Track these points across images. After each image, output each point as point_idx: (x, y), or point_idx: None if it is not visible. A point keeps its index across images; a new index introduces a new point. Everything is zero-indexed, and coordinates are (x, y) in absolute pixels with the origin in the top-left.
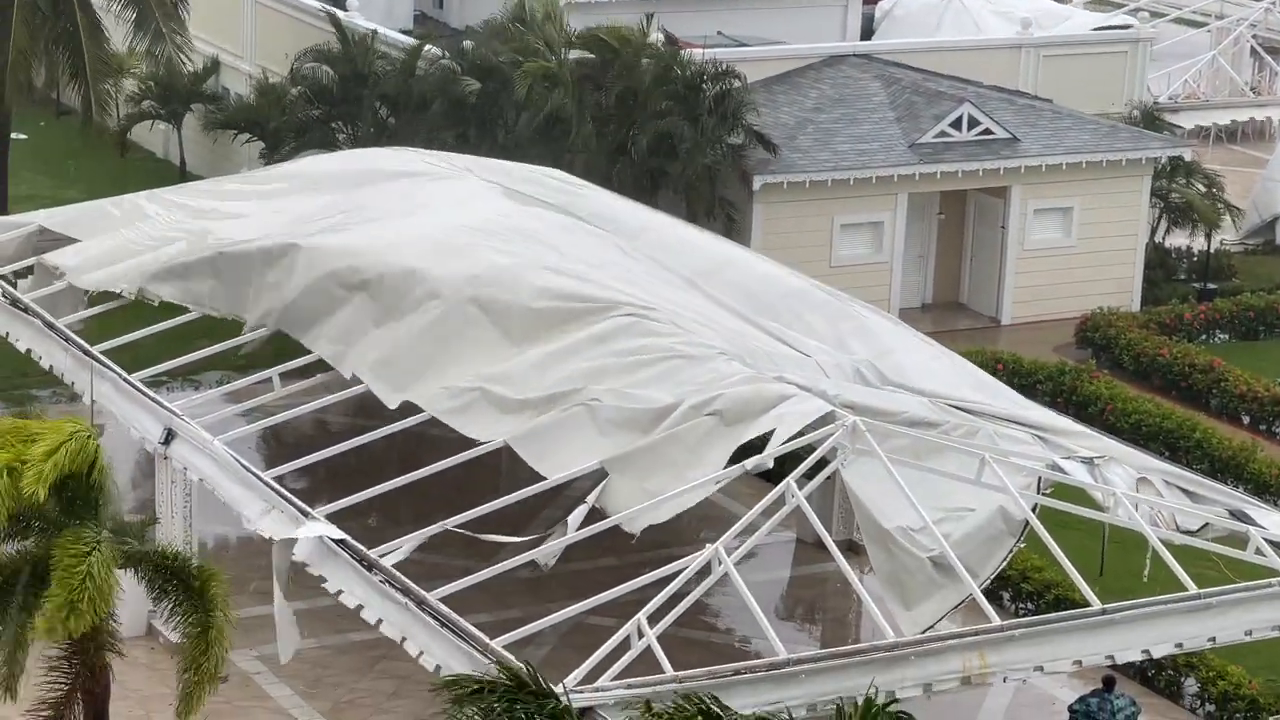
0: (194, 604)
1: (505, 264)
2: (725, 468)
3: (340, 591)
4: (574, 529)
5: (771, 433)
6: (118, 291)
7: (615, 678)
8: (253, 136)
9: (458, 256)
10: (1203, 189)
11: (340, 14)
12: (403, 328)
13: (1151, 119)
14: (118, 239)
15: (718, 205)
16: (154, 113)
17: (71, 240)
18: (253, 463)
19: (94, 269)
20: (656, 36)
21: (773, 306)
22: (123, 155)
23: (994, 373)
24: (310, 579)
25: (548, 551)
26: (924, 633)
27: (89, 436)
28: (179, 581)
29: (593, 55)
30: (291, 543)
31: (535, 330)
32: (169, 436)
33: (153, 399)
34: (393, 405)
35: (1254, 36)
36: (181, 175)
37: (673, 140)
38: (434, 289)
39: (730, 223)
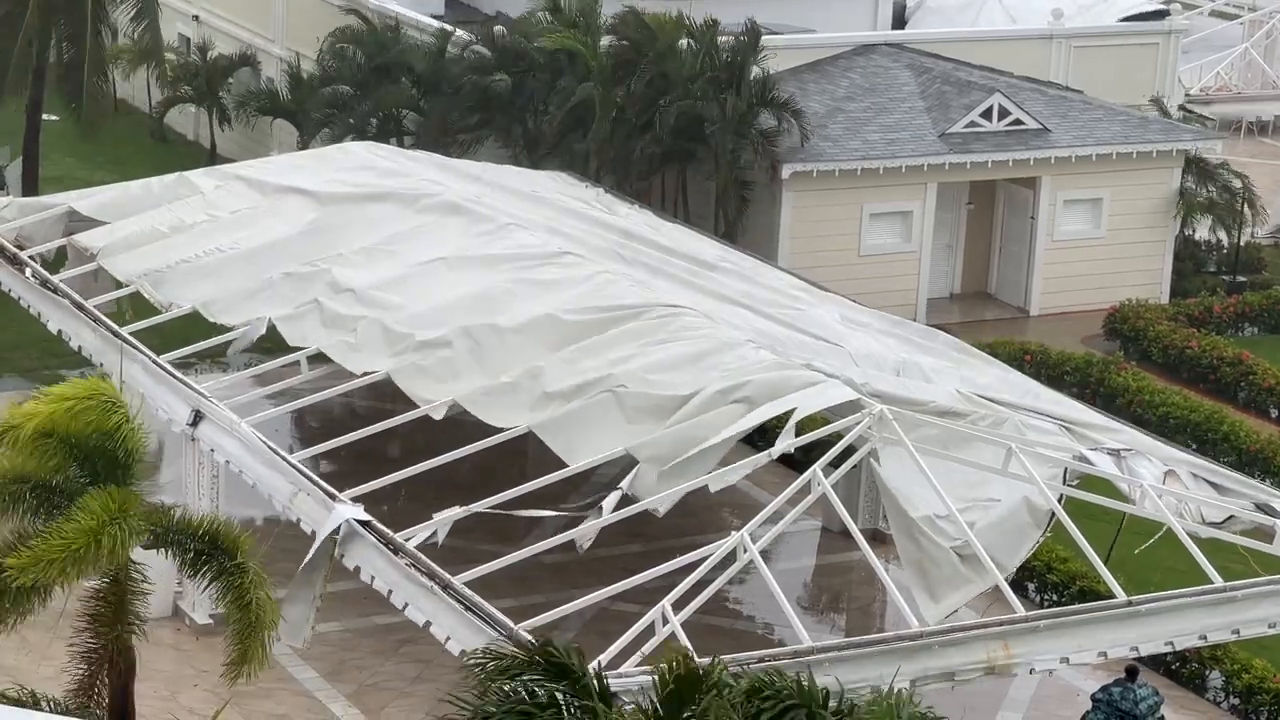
0: (232, 570)
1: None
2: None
3: (369, 576)
4: (609, 513)
5: (793, 413)
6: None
7: (639, 663)
8: (284, 120)
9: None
10: (1234, 184)
11: None
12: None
13: (1186, 112)
14: (147, 222)
15: (742, 191)
16: (187, 96)
17: (102, 223)
18: (280, 445)
19: (124, 251)
20: (695, 19)
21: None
22: (161, 140)
23: (1021, 364)
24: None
25: (585, 531)
26: (947, 621)
27: (112, 404)
28: (215, 550)
29: (627, 42)
30: (331, 536)
31: (567, 339)
32: (197, 418)
33: (181, 380)
34: (438, 415)
35: None
36: (211, 159)
37: (701, 122)
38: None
39: (743, 205)
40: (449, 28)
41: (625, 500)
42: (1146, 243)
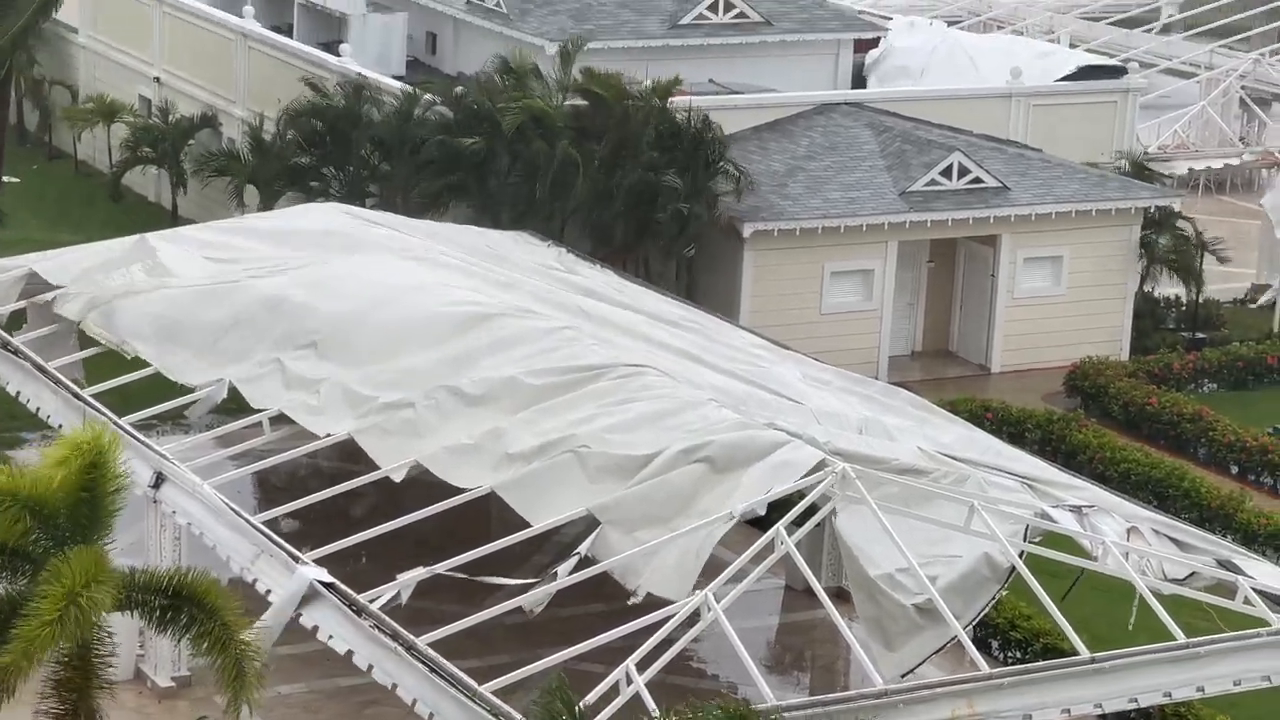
0: (204, 617)
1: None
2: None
3: (330, 636)
4: (564, 578)
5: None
6: (107, 344)
7: None
8: (244, 182)
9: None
10: (1190, 237)
11: (333, 59)
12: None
13: (1141, 168)
14: (108, 284)
15: (703, 250)
16: (147, 158)
17: (62, 285)
18: (243, 507)
19: (85, 308)
20: (647, 85)
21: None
22: (116, 200)
23: (983, 422)
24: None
25: (535, 598)
26: (908, 678)
27: (107, 442)
28: (183, 601)
29: (585, 103)
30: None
31: (530, 400)
32: (159, 480)
33: (143, 442)
34: (398, 477)
35: (1243, 88)
36: (173, 220)
37: (657, 189)
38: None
39: (705, 264)
40: (411, 89)
41: (585, 562)
42: (1106, 300)
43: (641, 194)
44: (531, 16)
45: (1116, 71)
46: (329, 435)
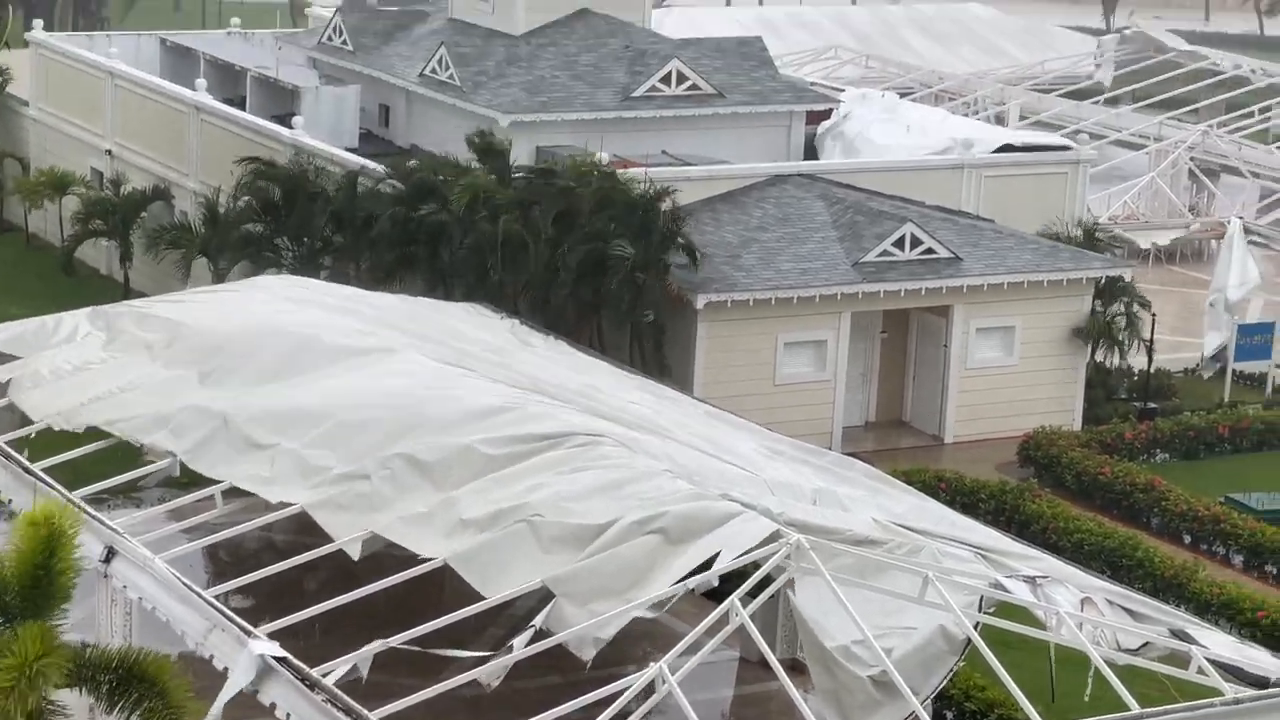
0: (154, 696)
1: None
2: (670, 586)
3: (287, 714)
4: (519, 651)
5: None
6: (56, 427)
7: None
8: (197, 254)
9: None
10: (1137, 309)
11: (286, 132)
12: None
13: (1092, 239)
14: (58, 357)
15: (658, 324)
16: (99, 230)
17: (12, 357)
18: (195, 581)
19: (34, 387)
20: (601, 156)
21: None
22: (69, 274)
23: (937, 492)
24: (251, 698)
25: (492, 670)
26: None
27: (66, 521)
28: (133, 680)
29: (533, 179)
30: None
31: (486, 469)
32: (109, 555)
33: (94, 516)
34: (354, 551)
35: (1192, 159)
36: (125, 293)
37: (607, 260)
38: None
39: (660, 338)
40: (364, 162)
41: (540, 635)
42: (1058, 370)
43: (592, 265)
44: (485, 89)
45: (1062, 147)
46: (282, 505)
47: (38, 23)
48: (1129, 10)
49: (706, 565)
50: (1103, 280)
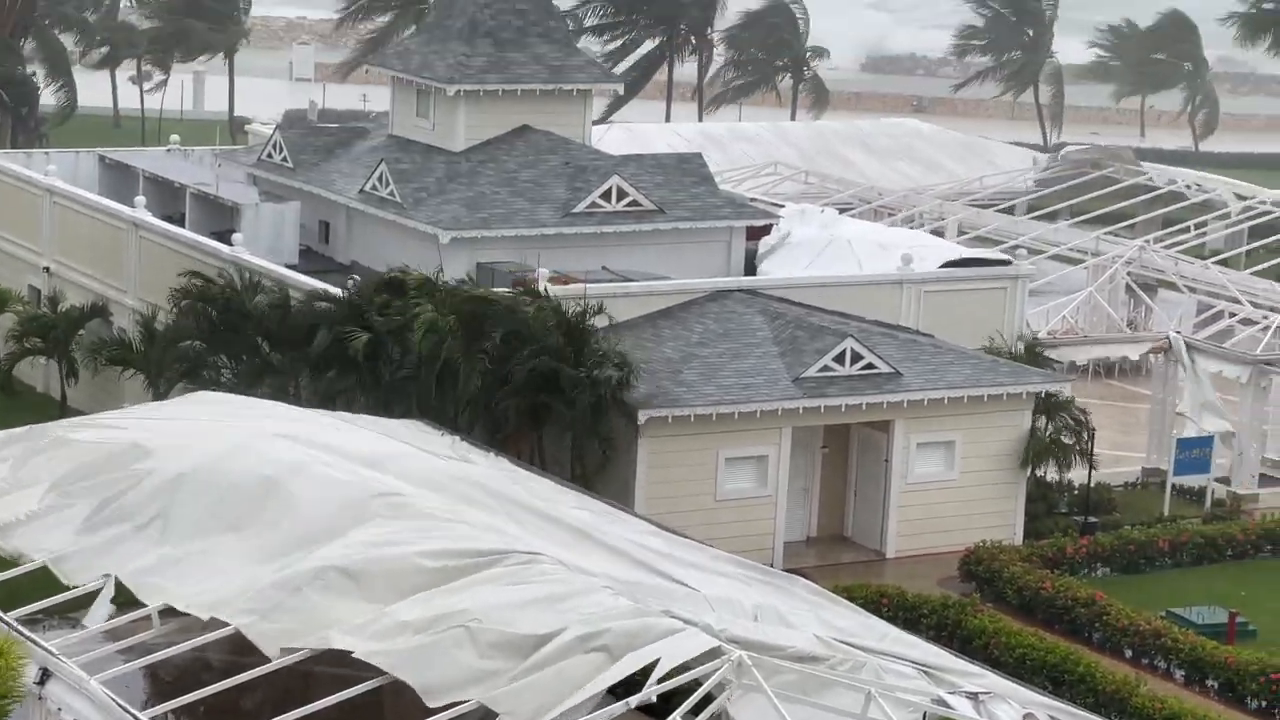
0: None
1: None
2: (609, 704)
3: None
4: None
5: (655, 664)
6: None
7: None
8: (135, 372)
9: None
10: (1073, 425)
11: (225, 249)
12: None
13: (1032, 354)
14: None
15: (599, 440)
16: (36, 349)
17: None
18: (131, 702)
19: None
20: (541, 272)
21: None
22: (6, 392)
23: (879, 608)
24: None
25: None
26: None
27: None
28: None
29: (471, 305)
30: None
31: (425, 584)
32: (44, 677)
33: (28, 637)
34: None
35: (1129, 274)
36: (62, 411)
37: (545, 379)
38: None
39: (607, 457)
40: (303, 279)
41: None
42: (999, 484)
43: (530, 384)
44: (425, 206)
45: (1000, 262)
46: (217, 624)
47: None
48: (1066, 127)
49: (645, 676)
50: (1042, 395)
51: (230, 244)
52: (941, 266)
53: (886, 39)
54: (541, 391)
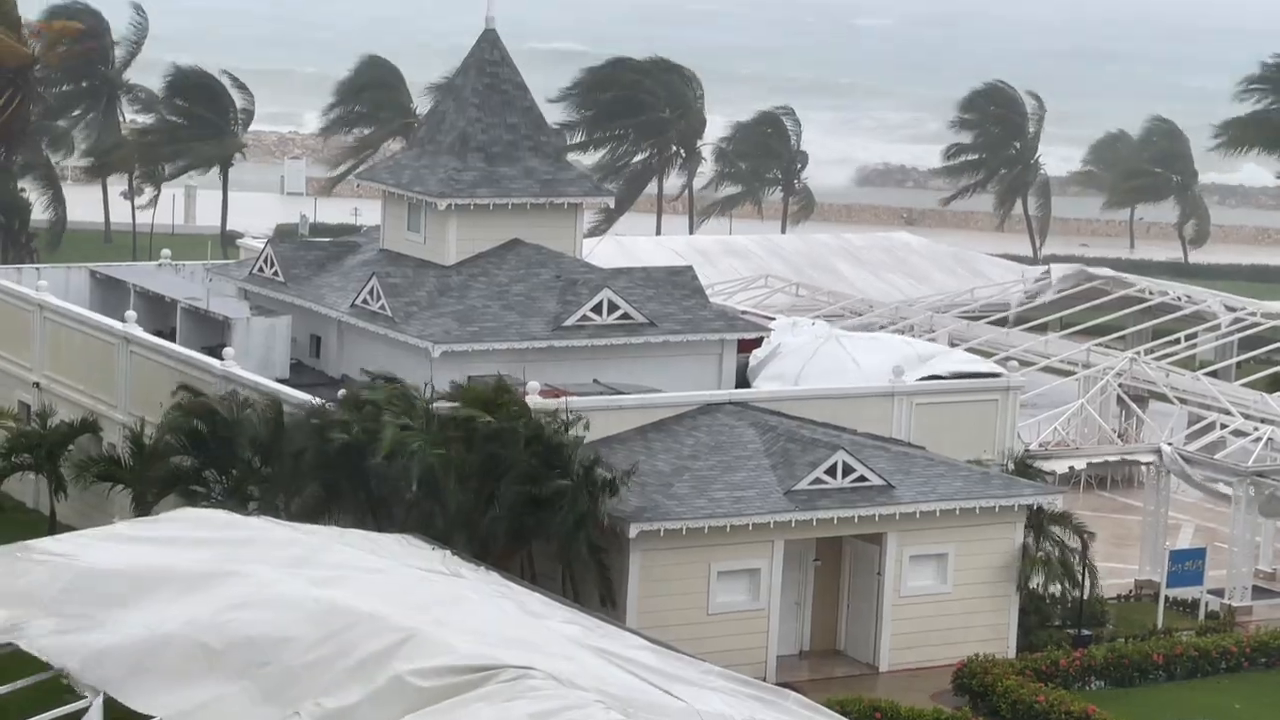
0: None
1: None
2: None
3: None
4: None
5: None
6: None
7: None
8: (124, 487)
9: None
10: (1072, 543)
11: (216, 363)
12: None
13: (1024, 466)
14: None
15: (590, 555)
16: (25, 464)
17: None
18: None
19: None
20: (532, 385)
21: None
22: None
23: None
24: None
25: None
26: None
27: None
28: None
29: (459, 417)
30: None
31: (416, 704)
32: None
33: None
34: None
35: (1120, 385)
36: (52, 527)
37: (531, 493)
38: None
39: (603, 571)
40: (294, 393)
41: None
42: (992, 597)
43: (518, 497)
44: (416, 319)
45: (993, 374)
46: None
47: None
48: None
49: None
50: (1035, 507)
51: (221, 358)
52: (938, 377)
53: (876, 152)
54: (525, 510)
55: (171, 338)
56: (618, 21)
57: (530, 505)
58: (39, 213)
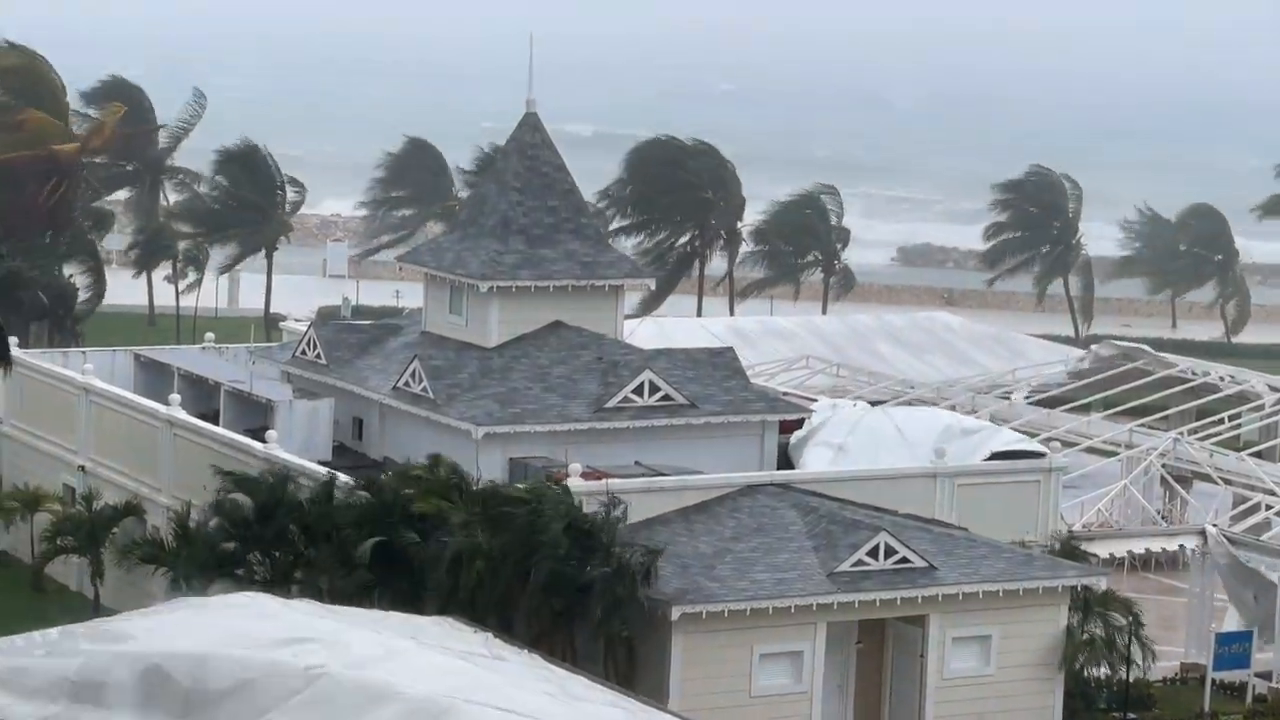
0: None
1: None
2: None
3: None
4: None
5: None
6: None
7: None
8: (167, 570)
9: None
10: (1122, 621)
11: (259, 446)
12: None
13: (1069, 549)
14: (39, 678)
15: (628, 638)
16: (69, 547)
17: None
18: None
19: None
20: (574, 468)
21: None
22: (38, 591)
23: None
24: None
25: None
26: None
27: None
28: None
29: (500, 507)
30: None
31: None
32: None
33: None
34: None
35: (1164, 466)
36: (95, 609)
37: (572, 575)
38: None
39: (633, 650)
40: (336, 474)
41: None
42: (1036, 680)
43: (558, 579)
44: (458, 401)
45: (1036, 454)
46: None
47: (13, 340)
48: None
49: None
50: (1079, 588)
51: (264, 441)
52: (1008, 454)
53: (916, 232)
54: (564, 592)
55: (215, 420)
56: (642, 105)
57: (569, 588)
58: (81, 292)
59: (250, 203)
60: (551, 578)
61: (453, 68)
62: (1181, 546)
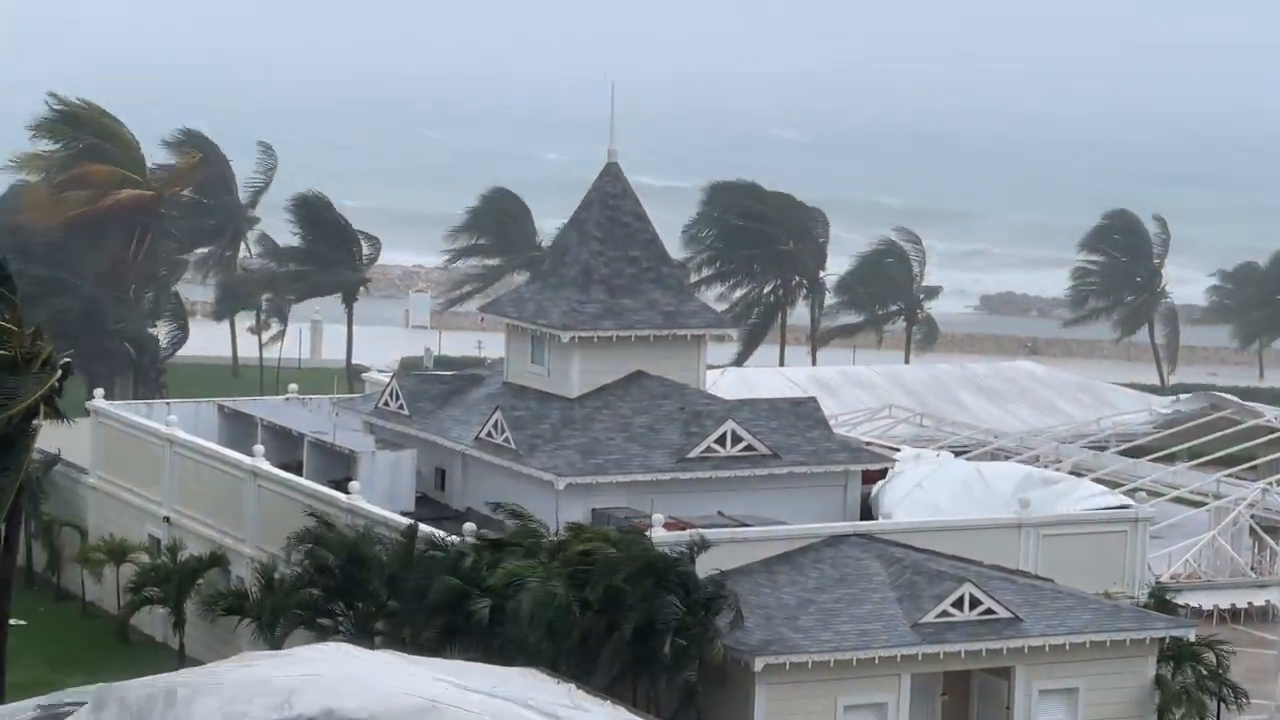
0: None
1: None
2: None
3: None
4: None
5: None
6: None
7: None
8: (252, 621)
9: None
10: (1205, 673)
11: (342, 497)
12: None
13: (1161, 600)
14: None
15: (709, 689)
16: (155, 598)
17: None
18: None
19: None
20: (655, 518)
21: None
22: (124, 642)
23: None
24: None
25: None
26: None
27: None
28: None
29: (583, 555)
30: None
31: None
32: None
33: None
34: None
35: (1252, 516)
36: (180, 660)
37: (657, 626)
38: None
39: (716, 700)
40: (419, 525)
41: None
42: None
43: (639, 631)
44: (540, 452)
45: (1121, 506)
46: None
47: (98, 391)
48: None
49: None
50: (1166, 640)
51: (348, 492)
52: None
53: (999, 280)
54: (646, 643)
55: (298, 471)
56: (706, 154)
57: (650, 638)
58: (163, 340)
59: (328, 256)
60: (632, 628)
61: (531, 113)
62: (1268, 601)
